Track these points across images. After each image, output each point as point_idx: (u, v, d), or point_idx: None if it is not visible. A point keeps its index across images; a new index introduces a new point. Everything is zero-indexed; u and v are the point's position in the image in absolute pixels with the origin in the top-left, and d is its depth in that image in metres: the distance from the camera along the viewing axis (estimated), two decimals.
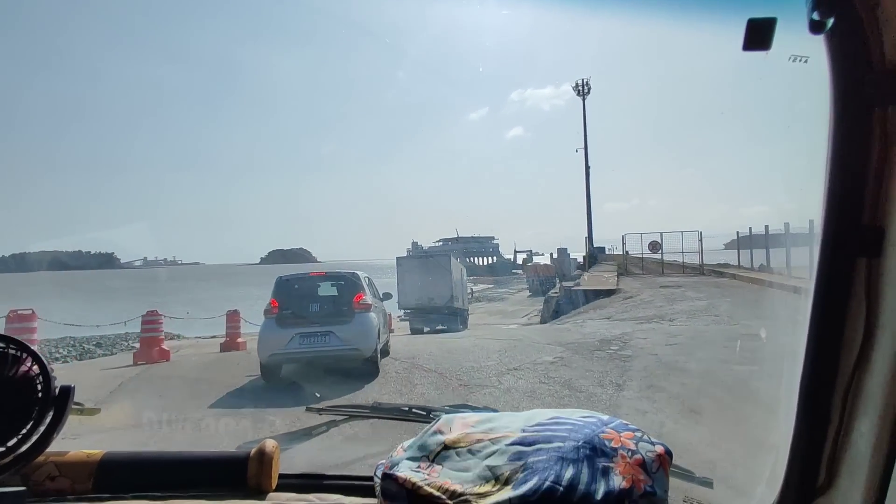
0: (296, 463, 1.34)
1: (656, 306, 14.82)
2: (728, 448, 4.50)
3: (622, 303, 17.33)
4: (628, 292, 18.93)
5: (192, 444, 5.69)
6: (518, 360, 8.96)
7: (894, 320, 0.81)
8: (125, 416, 6.51)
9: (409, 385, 7.59)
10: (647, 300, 16.71)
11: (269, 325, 7.89)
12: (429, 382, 7.70)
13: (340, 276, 8.68)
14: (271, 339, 7.73)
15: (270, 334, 7.77)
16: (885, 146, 0.82)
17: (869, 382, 0.85)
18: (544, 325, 20.01)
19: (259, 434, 5.14)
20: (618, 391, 6.91)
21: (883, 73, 0.81)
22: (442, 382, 7.68)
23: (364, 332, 7.81)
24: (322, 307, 8.07)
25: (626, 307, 16.04)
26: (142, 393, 7.89)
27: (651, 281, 22.55)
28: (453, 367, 8.43)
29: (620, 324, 12.41)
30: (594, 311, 17.13)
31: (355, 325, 7.80)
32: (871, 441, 0.84)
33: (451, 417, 1.10)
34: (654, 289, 19.12)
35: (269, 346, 7.72)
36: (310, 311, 7.97)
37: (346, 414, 1.90)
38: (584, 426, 0.99)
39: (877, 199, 0.84)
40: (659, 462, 0.94)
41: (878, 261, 0.84)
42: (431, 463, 0.98)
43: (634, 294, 18.26)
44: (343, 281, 8.51)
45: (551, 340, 10.82)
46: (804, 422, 0.95)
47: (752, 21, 0.83)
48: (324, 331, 7.65)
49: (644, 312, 13.96)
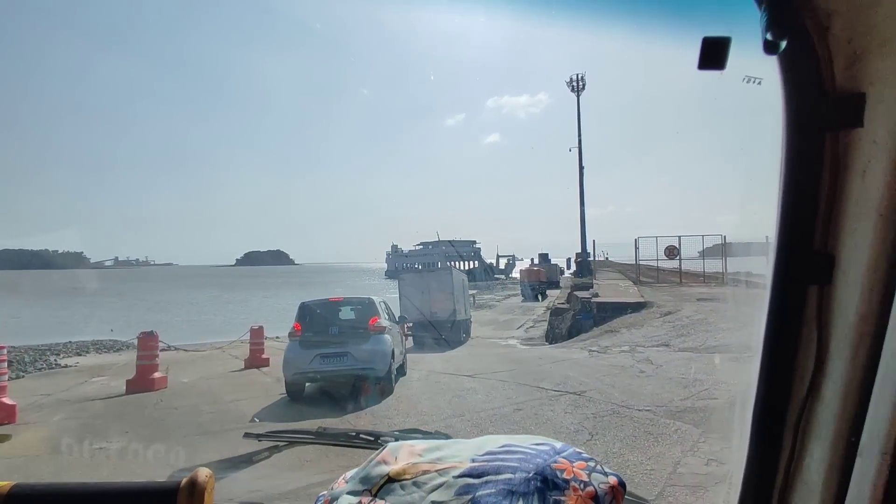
0: (233, 493, 1.30)
1: (719, 328, 11.47)
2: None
3: (661, 320, 13.98)
4: (663, 306, 15.61)
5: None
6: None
7: (845, 348, 0.80)
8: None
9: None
10: (696, 318, 13.40)
11: (293, 346, 8.44)
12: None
13: (357, 300, 9.23)
14: (295, 359, 8.26)
15: (294, 355, 8.30)
16: (836, 171, 0.81)
17: (820, 410, 0.85)
18: (556, 344, 16.56)
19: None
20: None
21: (834, 97, 0.80)
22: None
23: (379, 352, 8.27)
24: (341, 330, 8.54)
25: (674, 328, 12.70)
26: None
27: (677, 292, 19.28)
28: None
29: (691, 357, 9.03)
30: (627, 331, 13.74)
31: (371, 346, 8.26)
32: (823, 472, 0.84)
33: (398, 445, 1.00)
34: (692, 302, 15.84)
35: (293, 365, 8.23)
36: (329, 333, 8.45)
37: (288, 440, 1.78)
38: (535, 455, 0.91)
39: (828, 225, 0.83)
40: (612, 495, 0.89)
41: (829, 288, 0.83)
42: (374, 497, 0.91)
43: (673, 309, 14.94)
44: (360, 305, 9.03)
45: (604, 390, 7.41)
46: (757, 449, 0.95)
47: (706, 40, 0.82)
48: (342, 351, 8.19)
49: (708, 338, 10.63)
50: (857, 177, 0.79)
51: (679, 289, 20.73)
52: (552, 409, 6.87)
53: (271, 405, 8.09)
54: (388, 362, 8.28)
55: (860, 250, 0.78)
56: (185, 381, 9.90)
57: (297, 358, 8.20)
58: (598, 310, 16.65)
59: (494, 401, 7.47)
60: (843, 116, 0.79)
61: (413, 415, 7.23)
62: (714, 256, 24.22)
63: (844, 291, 0.81)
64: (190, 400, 8.31)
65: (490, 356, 13.81)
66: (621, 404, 6.96)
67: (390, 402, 7.86)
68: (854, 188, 0.79)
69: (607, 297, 17.80)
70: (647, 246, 24.73)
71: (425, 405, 7.74)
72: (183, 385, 9.62)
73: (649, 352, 10.34)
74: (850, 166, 0.80)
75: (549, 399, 7.44)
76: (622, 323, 14.90)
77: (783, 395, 0.90)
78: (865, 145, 0.77)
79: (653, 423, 6.14)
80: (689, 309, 14.69)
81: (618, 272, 32.34)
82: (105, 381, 10.09)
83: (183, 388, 9.36)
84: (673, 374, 8.38)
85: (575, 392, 7.76)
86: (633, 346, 11.37)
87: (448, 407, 7.42)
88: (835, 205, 0.81)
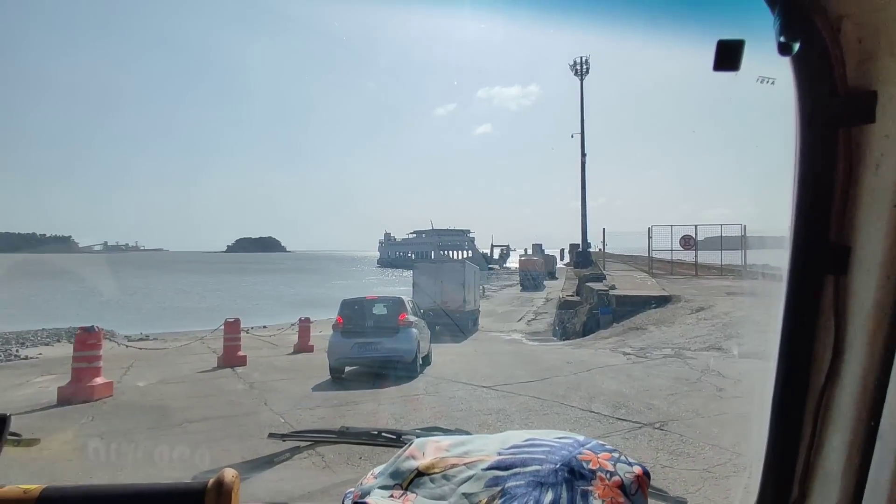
0: (258, 493, 1.30)
1: (774, 328, 9.86)
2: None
3: (694, 317, 12.41)
4: (691, 301, 14.06)
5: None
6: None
7: (862, 337, 0.81)
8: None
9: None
10: (736, 315, 11.85)
11: (336, 336, 9.79)
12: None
13: (389, 299, 10.62)
14: (338, 347, 9.61)
15: (337, 343, 9.68)
16: (849, 165, 0.83)
17: (839, 398, 0.86)
18: (572, 342, 15.01)
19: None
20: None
21: (846, 95, 0.82)
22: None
23: (407, 343, 9.63)
24: (375, 323, 9.99)
25: (715, 327, 11.14)
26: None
27: (699, 285, 17.73)
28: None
29: (769, 367, 7.44)
30: (656, 329, 12.18)
31: (400, 337, 9.66)
32: (843, 456, 0.84)
33: (424, 441, 1.03)
34: (724, 297, 14.28)
35: (336, 352, 9.58)
36: (366, 326, 9.89)
37: (311, 440, 1.82)
38: (560, 448, 0.94)
39: (843, 217, 0.84)
40: (637, 483, 0.90)
41: (845, 278, 0.84)
42: (405, 491, 0.93)
43: (703, 304, 13.37)
44: (391, 303, 10.41)
45: (687, 419, 5.78)
46: (777, 438, 0.96)
47: (721, 42, 0.85)
48: (376, 341, 9.57)
49: (768, 340, 9.02)
50: (870, 170, 0.81)
51: (698, 281, 19.19)
52: (637, 454, 4.50)
53: (237, 433, 5.84)
54: (413, 352, 9.58)
55: (875, 241, 0.80)
56: (140, 386, 8.23)
57: (339, 346, 9.57)
58: (617, 304, 15.08)
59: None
60: (856, 113, 0.81)
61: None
62: (710, 248, 22.80)
63: (860, 281, 0.82)
64: (129, 419, 6.43)
65: (503, 355, 12.20)
66: (733, 450, 4.87)
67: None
68: (868, 181, 0.82)
69: (626, 290, 16.22)
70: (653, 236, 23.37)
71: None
72: (134, 392, 7.91)
73: (703, 357, 8.73)
74: (863, 160, 0.82)
75: (618, 433, 5.49)
76: (647, 319, 13.34)
77: (801, 383, 0.91)
78: (878, 140, 0.80)
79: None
80: (724, 304, 13.12)
81: (623, 263, 30.80)
82: (47, 383, 8.38)
83: (132, 396, 7.62)
84: (769, 395, 6.65)
85: (650, 423, 5.82)
86: (676, 348, 9.78)
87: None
88: (849, 197, 0.83)
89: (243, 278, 67.89)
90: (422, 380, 8.98)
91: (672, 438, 5.33)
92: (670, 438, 5.33)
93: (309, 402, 7.54)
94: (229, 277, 68.92)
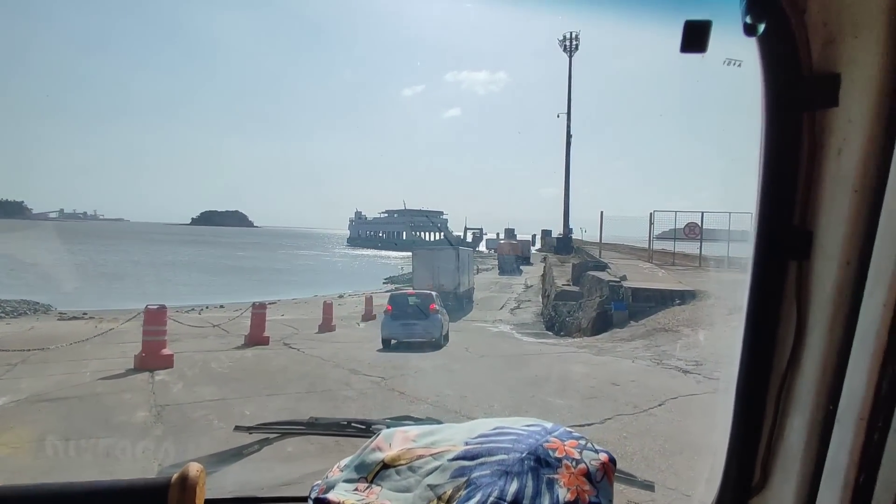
0: (225, 486, 1.27)
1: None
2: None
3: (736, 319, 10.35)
4: (720, 297, 12.04)
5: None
6: None
7: (822, 322, 0.82)
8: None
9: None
10: None
11: (387, 318, 13.26)
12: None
13: (424, 294, 14.20)
14: (388, 326, 13.02)
15: (388, 323, 13.09)
16: (813, 150, 0.82)
17: (799, 383, 0.86)
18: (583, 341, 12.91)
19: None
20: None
21: (811, 77, 0.81)
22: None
23: (436, 325, 13.04)
24: (413, 310, 13.24)
25: None
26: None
27: (713, 277, 15.83)
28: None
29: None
30: (692, 332, 10.17)
31: (431, 321, 13.04)
32: (803, 439, 0.85)
33: (392, 432, 1.01)
34: None
35: (387, 329, 12.94)
36: (407, 312, 13.20)
37: (279, 431, 1.75)
38: (527, 436, 0.93)
39: (806, 202, 0.84)
40: (603, 471, 0.90)
41: (807, 263, 0.84)
42: (370, 484, 0.91)
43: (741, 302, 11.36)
44: (425, 297, 13.83)
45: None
46: (740, 422, 0.96)
47: (688, 23, 0.83)
48: (413, 323, 12.92)
49: None
50: (833, 154, 0.80)
51: (708, 273, 17.37)
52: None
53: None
54: (440, 332, 12.87)
55: (835, 226, 0.80)
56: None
57: (389, 325, 12.85)
58: (633, 298, 13.00)
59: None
60: (820, 96, 0.80)
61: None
62: (709, 239, 21.20)
63: (822, 266, 0.82)
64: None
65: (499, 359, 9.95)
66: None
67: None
68: (830, 165, 0.81)
69: (640, 283, 14.14)
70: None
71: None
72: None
73: None
74: (826, 144, 0.81)
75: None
76: (673, 319, 11.31)
77: (765, 367, 0.91)
78: (841, 124, 0.79)
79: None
80: None
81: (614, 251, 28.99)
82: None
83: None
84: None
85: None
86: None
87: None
88: (812, 182, 0.83)
89: (204, 250, 64.34)
90: (444, 350, 11.22)
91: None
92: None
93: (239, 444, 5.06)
94: (188, 249, 65.37)
